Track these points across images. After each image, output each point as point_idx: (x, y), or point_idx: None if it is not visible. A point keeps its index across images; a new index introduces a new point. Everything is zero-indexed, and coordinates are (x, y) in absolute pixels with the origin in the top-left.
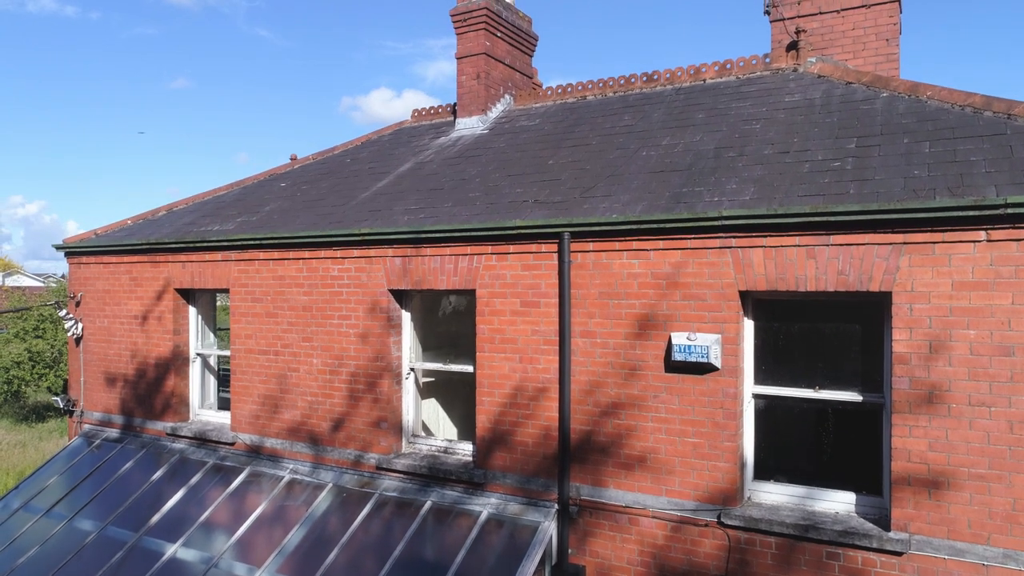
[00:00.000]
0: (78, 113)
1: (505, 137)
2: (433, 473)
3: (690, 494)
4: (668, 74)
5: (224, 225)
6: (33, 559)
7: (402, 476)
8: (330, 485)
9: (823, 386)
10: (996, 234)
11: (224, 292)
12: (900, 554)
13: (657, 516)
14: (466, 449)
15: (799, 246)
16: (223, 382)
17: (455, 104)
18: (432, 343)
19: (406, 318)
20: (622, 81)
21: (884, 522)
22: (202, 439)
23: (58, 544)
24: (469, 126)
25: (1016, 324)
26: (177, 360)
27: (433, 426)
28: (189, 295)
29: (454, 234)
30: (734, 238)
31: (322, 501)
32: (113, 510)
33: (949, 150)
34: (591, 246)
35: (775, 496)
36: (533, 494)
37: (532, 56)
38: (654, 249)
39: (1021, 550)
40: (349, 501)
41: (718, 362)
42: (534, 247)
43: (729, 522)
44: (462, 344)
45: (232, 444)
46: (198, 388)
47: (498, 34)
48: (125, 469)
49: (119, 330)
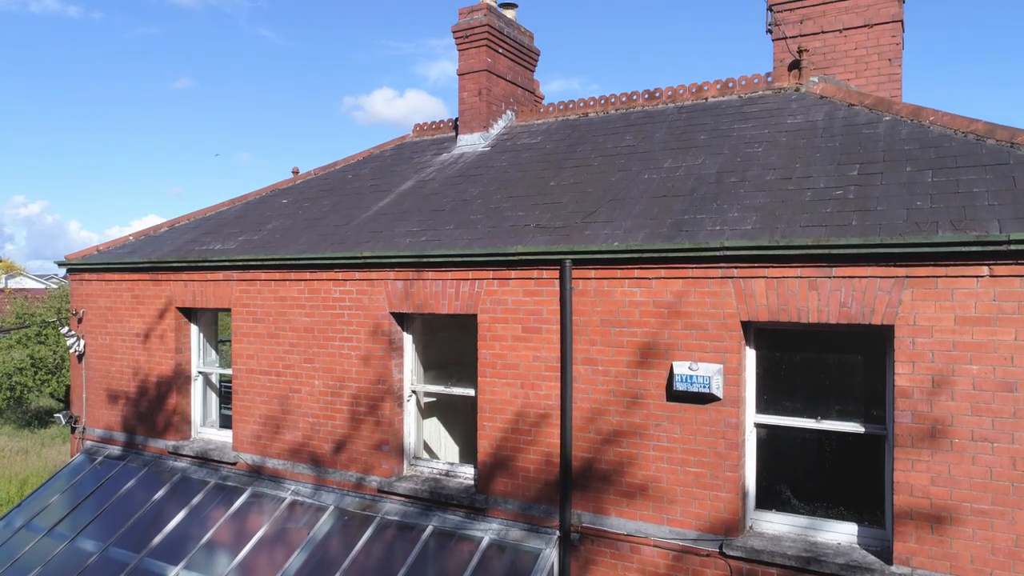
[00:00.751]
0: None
1: (507, 155)
2: (435, 497)
3: (692, 524)
4: (670, 91)
5: (226, 244)
6: None
7: (404, 500)
8: (332, 507)
9: (825, 416)
10: (999, 269)
11: (226, 311)
12: None
13: (659, 545)
14: (467, 473)
15: (801, 277)
16: (225, 399)
17: (456, 119)
18: (434, 362)
19: (408, 340)
20: (624, 98)
21: (886, 555)
22: (204, 458)
23: (60, 565)
24: (471, 143)
25: (1019, 360)
26: (179, 378)
27: (435, 445)
28: (191, 313)
29: (455, 259)
30: (736, 268)
31: (324, 524)
32: (115, 530)
33: (952, 180)
34: (593, 273)
35: (777, 526)
36: (534, 520)
37: (534, 70)
38: (656, 278)
39: None
40: (351, 524)
41: (720, 392)
42: (535, 273)
43: (731, 553)
44: (464, 363)
45: (234, 464)
46: (200, 406)
47: (499, 50)
48: (127, 488)
49: (121, 347)
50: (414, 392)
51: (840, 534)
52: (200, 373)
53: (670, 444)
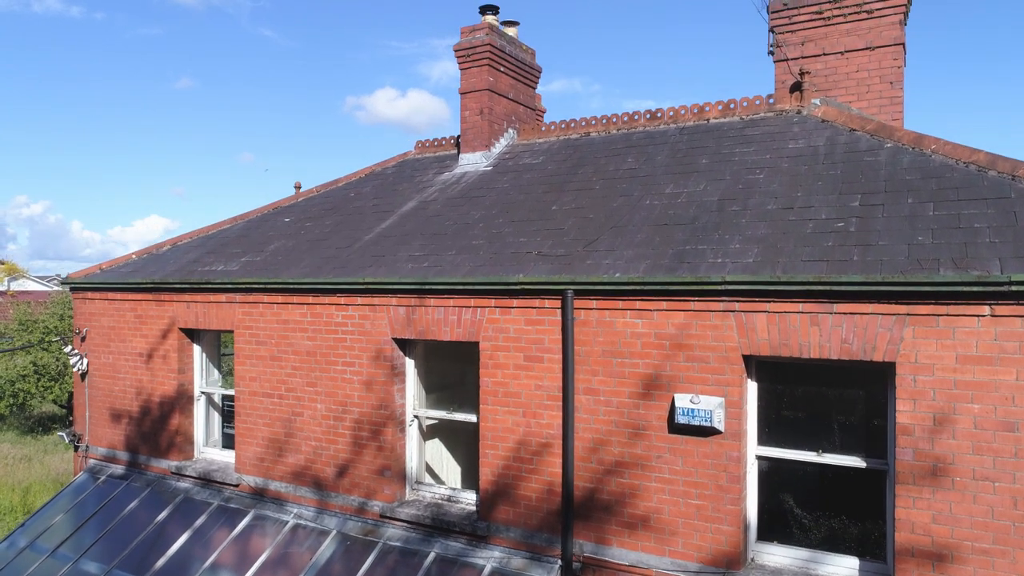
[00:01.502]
0: (83, 113)
1: (508, 176)
2: (437, 524)
3: (693, 556)
4: (672, 112)
5: (228, 265)
6: None
7: (406, 525)
8: (334, 532)
9: (826, 449)
10: (1000, 309)
11: (228, 332)
12: None
13: None
14: (470, 499)
15: (803, 313)
16: (227, 418)
17: (458, 137)
18: (436, 384)
19: (410, 365)
20: (625, 118)
21: None
22: (207, 479)
23: None
24: (472, 162)
25: (1020, 400)
26: (182, 399)
27: (436, 466)
28: (194, 334)
29: (457, 287)
30: (738, 302)
31: (326, 548)
32: (118, 552)
33: (953, 214)
34: (594, 304)
35: (778, 558)
36: (536, 549)
37: (535, 87)
38: (657, 310)
39: None
40: (353, 549)
41: (721, 426)
42: (537, 303)
43: None
44: (467, 383)
45: (236, 486)
46: (202, 426)
47: (501, 69)
48: (130, 509)
49: (124, 367)
50: (416, 417)
51: (842, 568)
52: (203, 393)
53: (672, 476)
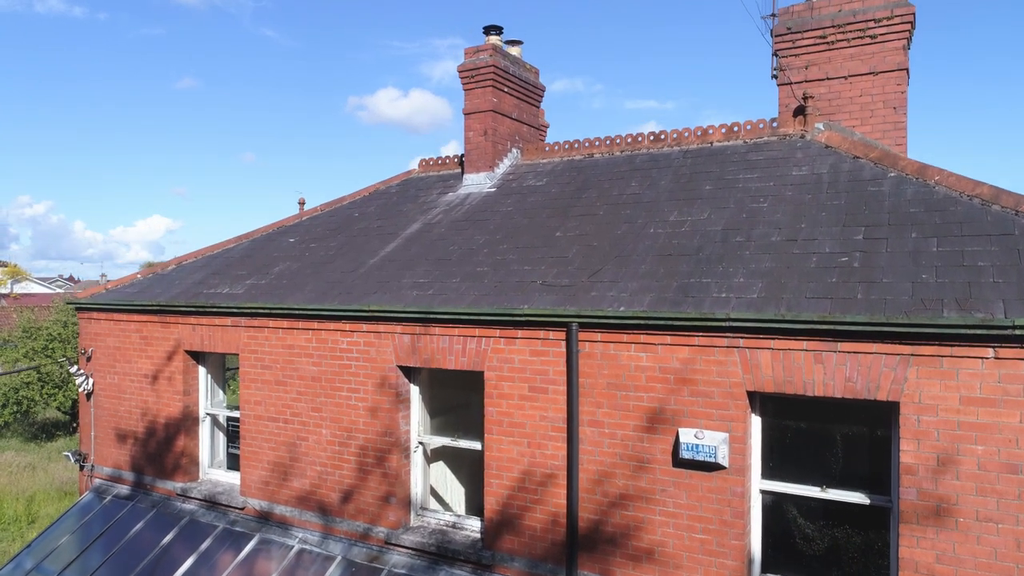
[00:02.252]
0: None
1: (512, 198)
2: (441, 551)
3: None
4: (675, 134)
5: (233, 287)
6: None
7: (411, 552)
8: (339, 558)
9: (830, 485)
10: (1004, 352)
11: (234, 356)
12: None
13: None
14: (474, 526)
15: (807, 351)
16: (232, 437)
17: (462, 156)
18: (440, 408)
19: (415, 392)
20: (629, 140)
21: None
22: (212, 502)
23: None
24: (476, 183)
25: None
26: (187, 421)
27: (441, 488)
28: (199, 356)
29: (462, 316)
30: (742, 338)
31: (332, 574)
32: (125, 575)
33: (957, 251)
34: (599, 337)
35: None
36: None
37: (539, 105)
38: (662, 344)
39: None
40: None
41: (725, 462)
42: (542, 334)
43: None
44: (472, 406)
45: (242, 509)
46: (207, 447)
47: (505, 89)
48: (136, 531)
49: (129, 387)
50: (421, 443)
51: None
52: (208, 414)
53: (676, 510)
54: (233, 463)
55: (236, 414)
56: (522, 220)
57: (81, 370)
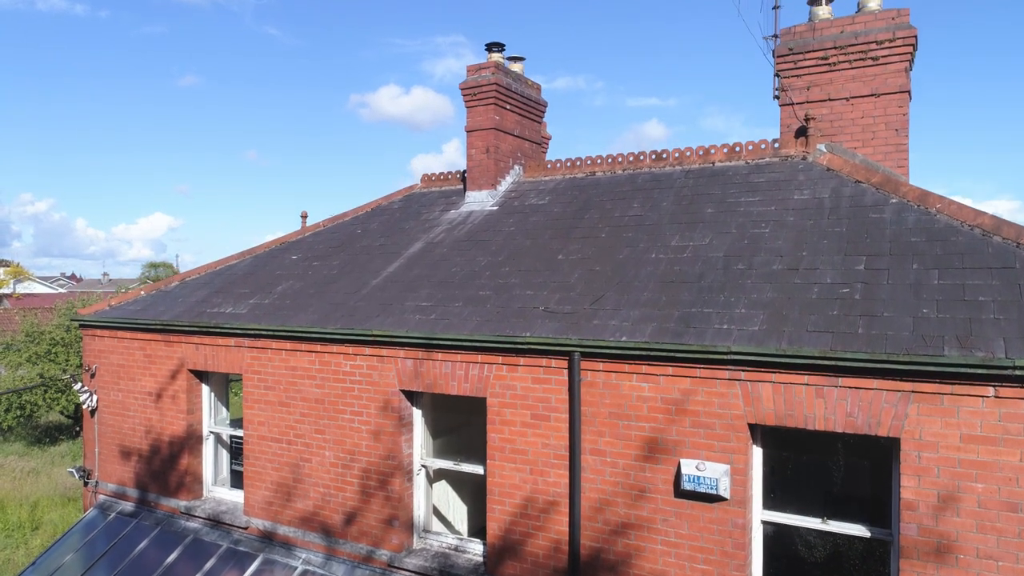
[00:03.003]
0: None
1: (515, 218)
2: (444, 575)
3: None
4: (677, 153)
5: (237, 307)
6: None
7: (414, 575)
8: None
9: (831, 516)
10: (1005, 392)
11: (237, 376)
12: None
13: None
14: (476, 549)
15: (808, 385)
16: (235, 454)
17: (464, 172)
18: (443, 429)
19: (417, 415)
20: (631, 158)
21: None
22: (216, 521)
23: None
24: (479, 200)
25: None
26: (191, 439)
27: (443, 507)
28: (203, 374)
29: (464, 343)
30: (743, 371)
31: None
32: None
33: (958, 284)
34: (601, 366)
35: None
36: None
37: (541, 120)
38: (663, 375)
39: None
40: None
41: (727, 494)
42: (544, 362)
43: None
44: (474, 426)
45: (246, 528)
46: (211, 465)
47: (507, 107)
48: (140, 549)
49: (133, 405)
50: (424, 466)
51: None
52: (211, 433)
53: (677, 540)
54: (236, 481)
55: (239, 433)
56: (524, 241)
57: (85, 387)
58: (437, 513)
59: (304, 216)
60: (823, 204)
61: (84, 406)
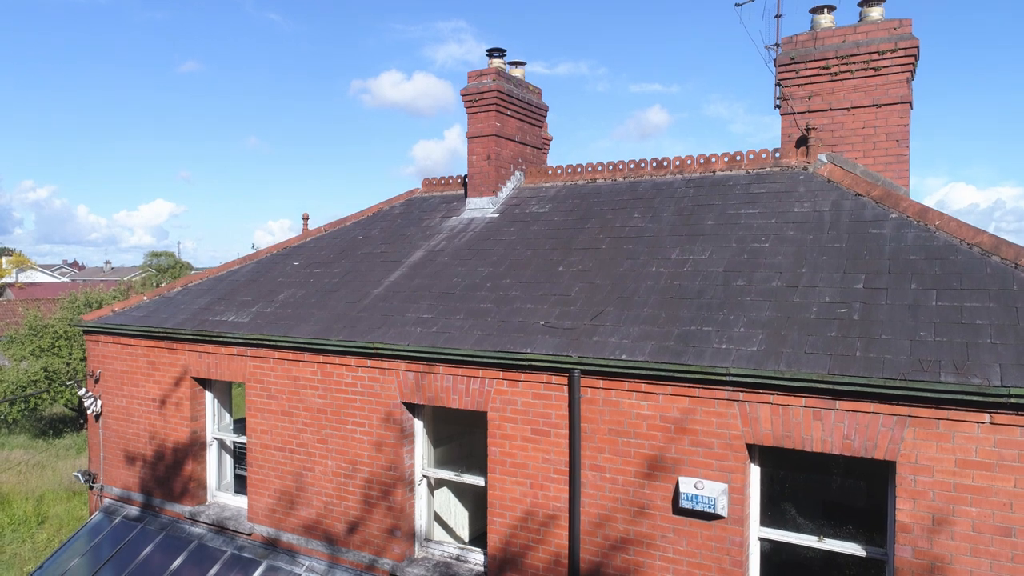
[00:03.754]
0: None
1: (516, 226)
2: None
3: None
4: (678, 161)
5: (239, 315)
6: None
7: None
8: None
9: (827, 535)
10: (999, 418)
11: (240, 384)
12: None
13: None
14: (477, 559)
15: (806, 407)
16: (239, 459)
17: (465, 177)
18: (444, 438)
19: (419, 427)
20: (632, 166)
21: None
22: (220, 526)
23: None
24: (479, 207)
25: (1018, 507)
26: (195, 445)
27: (444, 513)
28: (206, 381)
29: (466, 357)
30: (742, 392)
31: None
32: None
33: (956, 306)
34: (601, 383)
35: None
36: None
37: (542, 124)
38: (663, 393)
39: None
40: None
41: (725, 512)
42: (545, 378)
43: None
44: (476, 434)
45: (249, 534)
46: (215, 470)
47: (508, 113)
48: (145, 554)
49: (137, 411)
50: (425, 476)
51: None
52: (215, 439)
53: (676, 556)
54: (240, 486)
55: (243, 439)
56: (525, 251)
57: (90, 392)
58: (438, 518)
59: (306, 218)
60: (823, 218)
61: (88, 411)
